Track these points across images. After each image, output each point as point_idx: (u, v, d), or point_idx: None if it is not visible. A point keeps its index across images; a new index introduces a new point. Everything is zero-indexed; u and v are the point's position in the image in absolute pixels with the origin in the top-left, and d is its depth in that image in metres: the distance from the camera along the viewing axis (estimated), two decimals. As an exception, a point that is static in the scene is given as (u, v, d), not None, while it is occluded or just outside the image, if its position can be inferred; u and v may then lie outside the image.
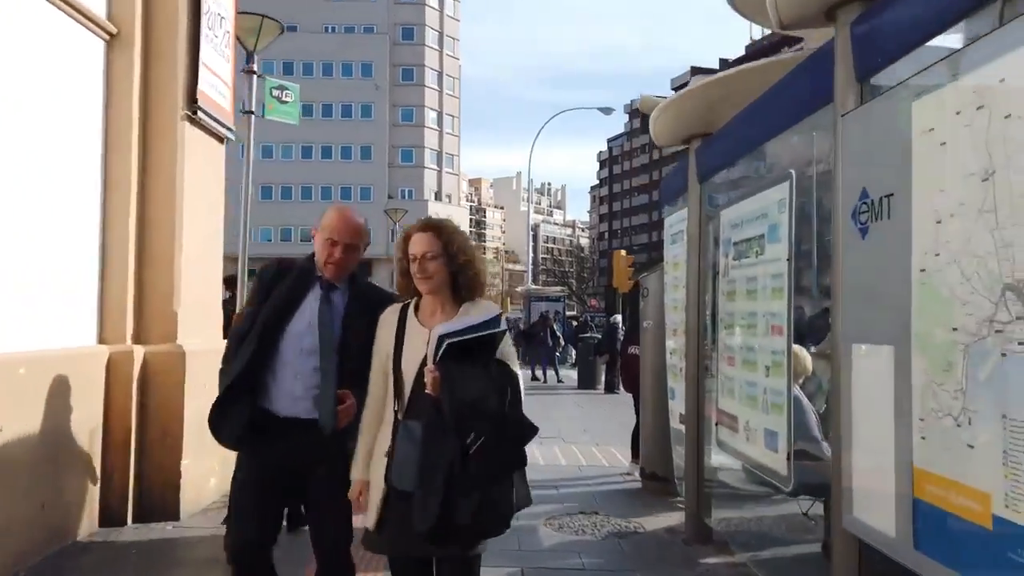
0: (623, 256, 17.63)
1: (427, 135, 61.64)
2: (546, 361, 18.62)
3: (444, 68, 62.93)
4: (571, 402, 13.93)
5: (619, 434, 9.34)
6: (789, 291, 3.36)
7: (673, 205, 5.82)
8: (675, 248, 5.65)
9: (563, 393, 15.87)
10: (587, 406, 13.31)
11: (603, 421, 11.01)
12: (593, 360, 16.73)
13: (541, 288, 36.19)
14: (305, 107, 56.46)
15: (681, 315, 5.27)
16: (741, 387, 3.93)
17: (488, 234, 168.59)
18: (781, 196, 3.48)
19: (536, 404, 13.80)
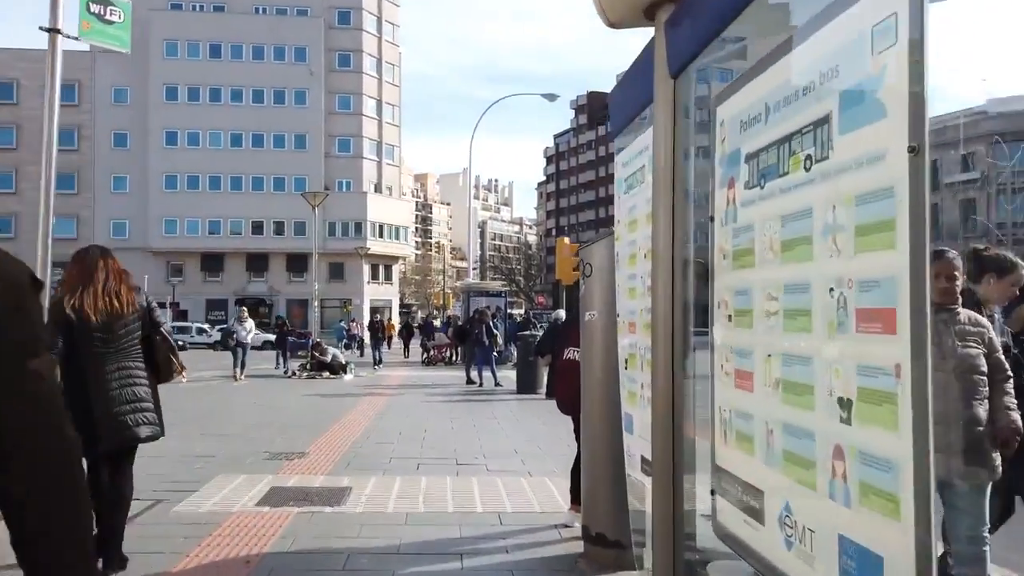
0: (567, 244, 15.68)
1: (365, 124, 58.90)
2: (481, 362, 16.60)
3: (383, 55, 60.25)
4: (506, 410, 11.95)
5: (559, 455, 7.42)
6: (919, 225, 1.41)
7: (628, 134, 3.84)
8: (631, 198, 3.69)
9: (499, 399, 13.89)
10: (524, 415, 11.34)
11: (540, 437, 9.06)
12: (534, 361, 14.76)
13: (481, 283, 34.12)
14: (235, 92, 53.65)
15: (641, 300, 3.33)
16: (772, 435, 1.97)
17: (435, 230, 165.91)
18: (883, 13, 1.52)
19: (465, 412, 11.85)
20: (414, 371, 21.68)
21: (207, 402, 12.56)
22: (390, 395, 14.34)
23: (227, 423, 9.98)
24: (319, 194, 20.35)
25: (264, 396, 13.71)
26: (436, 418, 10.79)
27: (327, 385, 16.32)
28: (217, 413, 11.08)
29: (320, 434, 8.91)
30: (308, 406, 12.16)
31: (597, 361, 4.41)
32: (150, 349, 4.19)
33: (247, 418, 10.51)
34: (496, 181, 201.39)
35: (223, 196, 56.56)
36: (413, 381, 17.76)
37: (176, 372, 4.33)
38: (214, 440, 8.40)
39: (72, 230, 56.39)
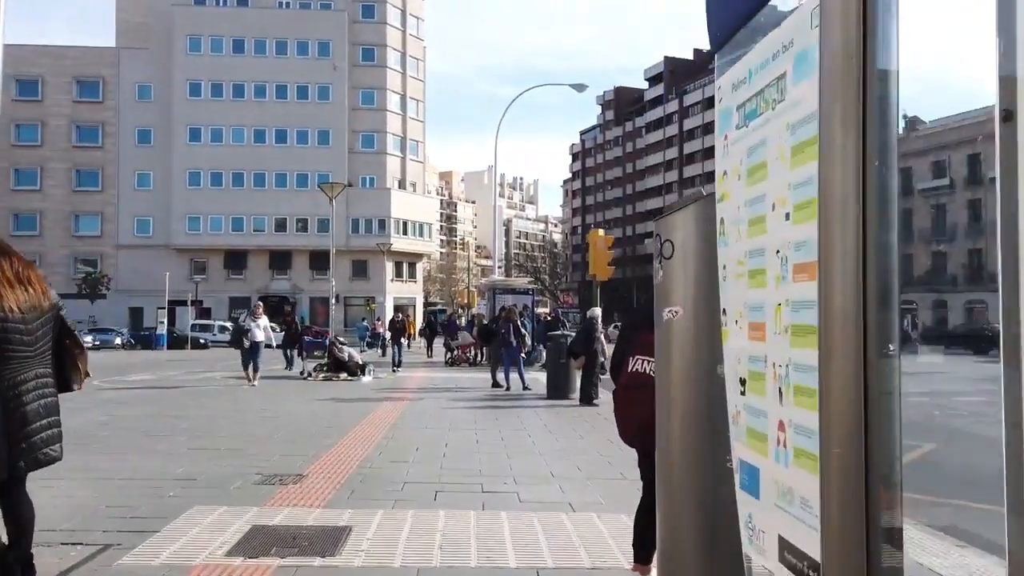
0: (601, 236, 14.40)
1: (390, 120, 57.98)
2: (508, 364, 15.37)
3: (407, 49, 59.29)
4: (536, 420, 10.70)
5: (603, 481, 6.21)
6: None
7: (735, 51, 2.57)
8: (753, 132, 2.41)
9: (528, 405, 12.66)
10: (557, 426, 10.09)
11: (578, 454, 7.82)
12: (566, 363, 13.54)
13: (507, 279, 32.90)
14: (258, 88, 53.17)
15: (780, 288, 2.06)
16: None
17: (460, 229, 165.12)
18: None
19: (491, 421, 10.63)
20: (436, 372, 20.54)
21: (209, 408, 11.50)
22: (409, 400, 13.18)
23: (223, 434, 8.87)
24: (337, 185, 19.24)
25: (273, 401, 12.62)
26: (459, 429, 9.59)
27: (343, 388, 15.22)
28: (215, 422, 9.98)
29: (326, 449, 7.74)
30: (318, 413, 11.02)
31: (679, 376, 3.16)
32: (60, 353, 3.55)
33: (248, 428, 9.40)
34: (521, 179, 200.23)
35: (246, 193, 56.02)
36: (435, 383, 16.61)
37: (81, 382, 3.68)
38: (202, 457, 7.27)
39: (96, 227, 56.30)
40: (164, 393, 14.12)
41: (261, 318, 15.43)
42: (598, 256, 14.23)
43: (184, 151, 55.52)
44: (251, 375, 15.08)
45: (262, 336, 15.21)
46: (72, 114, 55.99)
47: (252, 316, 15.44)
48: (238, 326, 15.78)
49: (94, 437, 8.48)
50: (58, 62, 55.95)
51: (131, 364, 24.47)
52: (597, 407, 12.40)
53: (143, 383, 16.31)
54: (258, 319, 15.30)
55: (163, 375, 18.90)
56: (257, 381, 15.12)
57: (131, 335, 45.22)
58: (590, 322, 12.84)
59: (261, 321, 15.37)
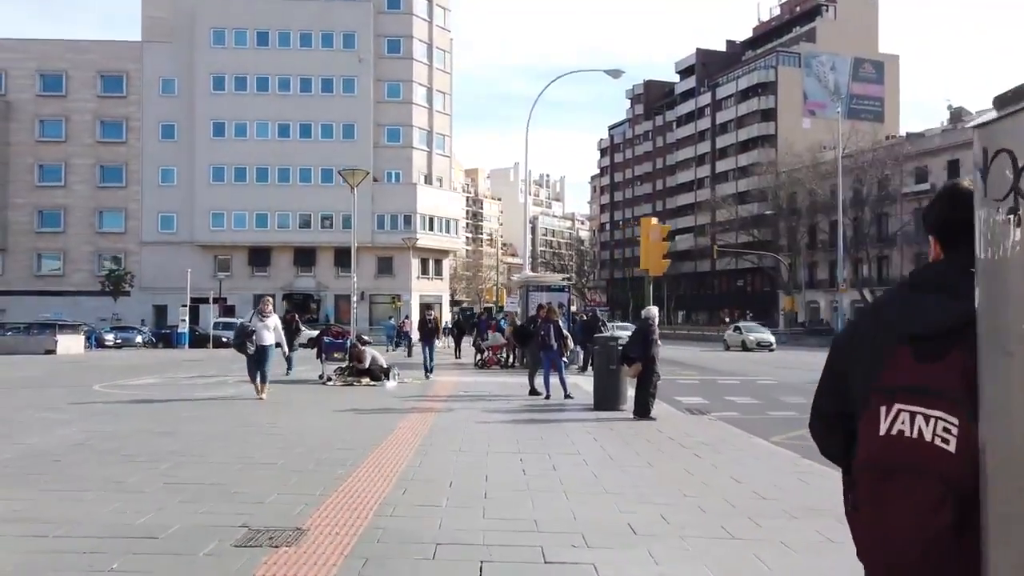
0: (656, 225, 12.66)
1: (416, 113, 56.54)
2: (548, 369, 13.70)
3: (434, 40, 57.80)
4: (589, 440, 9.02)
5: (707, 538, 4.50)
6: None
7: None
8: None
9: (574, 418, 10.98)
10: (614, 447, 8.40)
11: (653, 490, 6.15)
12: (616, 371, 11.84)
13: (540, 276, 31.23)
14: (282, 81, 51.97)
15: None
16: None
17: (485, 226, 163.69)
18: None
19: (536, 441, 8.91)
20: (466, 375, 18.94)
21: (207, 422, 9.98)
22: (438, 411, 11.58)
23: (214, 459, 7.31)
24: (359, 172, 17.72)
25: (283, 413, 11.07)
26: (499, 452, 7.96)
27: (364, 396, 13.67)
28: (210, 442, 8.44)
29: (336, 486, 6.14)
30: (333, 430, 9.44)
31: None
32: None
33: (246, 450, 7.83)
34: (547, 176, 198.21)
35: (271, 188, 54.99)
36: (466, 390, 15.00)
37: None
38: (178, 496, 5.70)
39: (121, 224, 55.63)
40: (163, 399, 12.67)
41: (270, 316, 12.89)
42: (651, 248, 12.49)
43: (208, 146, 54.61)
44: (259, 386, 12.64)
45: (271, 338, 12.66)
46: (96, 109, 55.37)
47: (259, 314, 12.80)
48: (241, 327, 12.89)
49: (57, 463, 6.98)
50: (82, 57, 55.34)
51: (145, 365, 23.22)
52: (654, 421, 10.71)
53: (146, 388, 14.91)
54: (266, 317, 12.75)
55: (172, 378, 17.54)
56: (266, 393, 12.71)
57: (152, 333, 44.32)
58: (646, 323, 11.14)
59: (270, 320, 12.83)
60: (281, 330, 13.21)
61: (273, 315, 13.10)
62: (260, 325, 12.58)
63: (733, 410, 13.68)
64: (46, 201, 55.06)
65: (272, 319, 12.95)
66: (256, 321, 12.67)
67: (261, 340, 12.48)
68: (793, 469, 7.40)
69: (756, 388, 18.22)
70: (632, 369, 11.02)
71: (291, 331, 17.61)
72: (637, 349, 10.96)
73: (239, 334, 12.72)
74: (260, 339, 12.46)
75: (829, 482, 6.71)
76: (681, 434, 9.58)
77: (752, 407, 14.12)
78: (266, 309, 12.93)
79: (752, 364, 27.56)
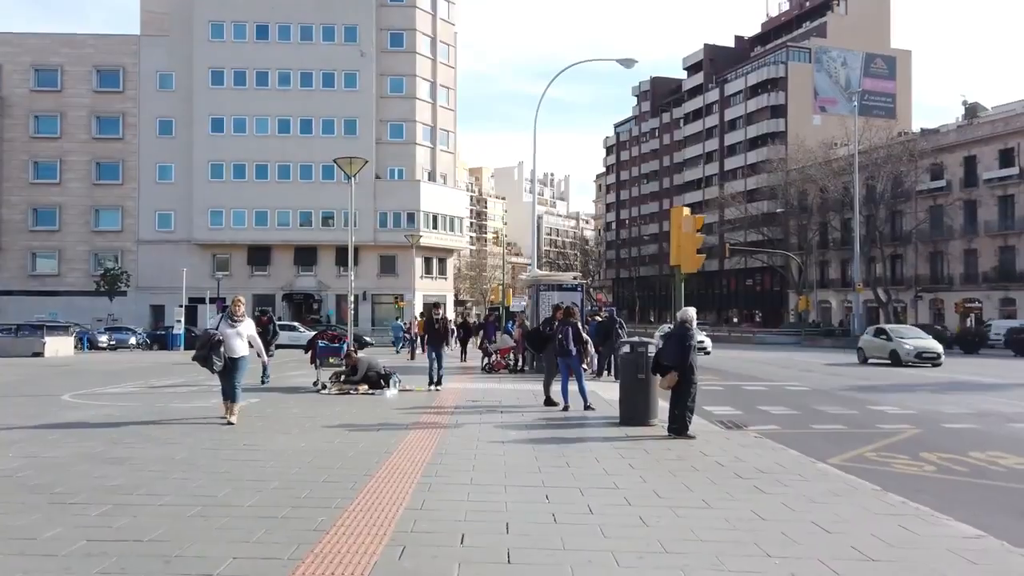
0: (688, 215, 11.20)
1: (419, 108, 55.11)
2: (567, 376, 12.27)
3: (438, 34, 56.35)
4: (624, 465, 7.57)
5: None
6: None
7: None
8: None
9: (599, 435, 9.52)
10: (660, 479, 6.94)
11: (719, 540, 4.71)
12: (646, 380, 10.39)
13: (552, 274, 29.77)
14: (282, 75, 50.59)
15: None
16: None
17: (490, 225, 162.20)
18: None
19: (561, 466, 7.16)
20: (473, 382, 17.50)
21: (173, 443, 8.53)
22: (444, 426, 10.15)
23: (161, 503, 5.84)
24: (357, 160, 16.29)
25: (264, 430, 9.62)
26: (519, 483, 6.54)
27: (361, 407, 12.24)
28: (167, 472, 6.98)
29: (315, 539, 4.71)
30: (319, 454, 8.00)
31: None
32: None
33: (208, 485, 6.37)
34: (552, 175, 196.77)
35: (270, 185, 53.62)
36: (474, 399, 13.56)
37: None
38: (94, 567, 4.26)
39: (117, 222, 54.28)
40: (131, 414, 11.26)
41: (242, 321, 10.15)
42: (684, 242, 11.03)
43: (206, 142, 53.27)
44: (228, 408, 10.09)
45: (244, 348, 10.04)
46: (92, 105, 54.04)
47: (230, 317, 10.07)
48: (206, 335, 9.96)
49: (-33, 506, 5.57)
50: (78, 51, 54.04)
51: (131, 370, 21.82)
52: (694, 440, 9.27)
53: (119, 398, 13.50)
54: (237, 322, 10.05)
55: (152, 385, 16.11)
56: (236, 416, 10.09)
57: (147, 335, 42.96)
58: (682, 327, 9.68)
59: (243, 326, 10.12)
60: (256, 336, 10.48)
61: (247, 319, 10.36)
62: (230, 332, 9.94)
63: (771, 422, 12.26)
64: (41, 199, 53.75)
65: (245, 324, 10.22)
66: (225, 327, 9.97)
67: (232, 351, 9.88)
68: (886, 510, 5.97)
69: (787, 396, 16.80)
70: (666, 379, 9.58)
71: (267, 334, 15.93)
72: (672, 356, 9.52)
73: (203, 344, 9.81)
74: (231, 349, 9.86)
75: (938, 529, 5.27)
76: (730, 458, 8.13)
77: (792, 419, 12.69)
78: (237, 312, 10.16)
79: (771, 368, 26.07)
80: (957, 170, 55.60)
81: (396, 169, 54.72)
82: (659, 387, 9.97)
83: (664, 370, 9.63)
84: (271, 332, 16.42)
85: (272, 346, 16.19)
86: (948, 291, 55.08)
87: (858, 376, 22.32)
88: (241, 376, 10.14)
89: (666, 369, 9.59)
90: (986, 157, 53.95)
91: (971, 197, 54.29)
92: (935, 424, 12.04)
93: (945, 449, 9.68)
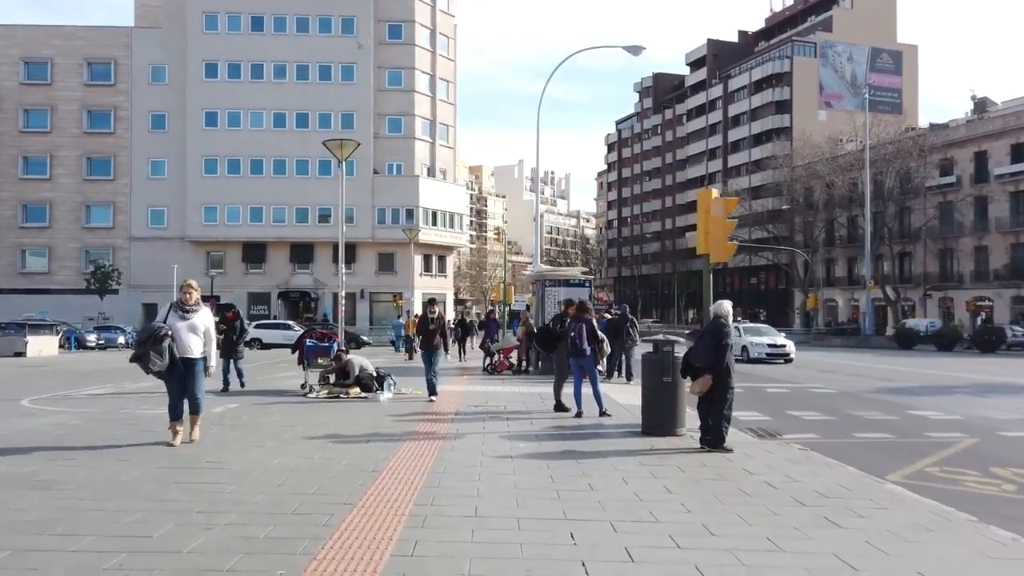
0: (718, 198, 9.94)
1: (418, 101, 53.84)
2: (579, 379, 11.01)
3: (437, 25, 55.06)
4: (657, 488, 6.29)
5: None
6: None
7: None
8: None
9: (622, 449, 8.24)
10: (701, 503, 5.68)
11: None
12: (672, 384, 9.13)
13: (557, 269, 28.52)
14: (278, 68, 49.20)
15: None
16: None
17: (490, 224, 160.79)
18: None
19: (582, 492, 5.71)
20: (474, 384, 16.24)
21: (122, 460, 7.24)
22: (443, 436, 8.89)
23: (76, 548, 4.55)
24: (348, 143, 15.04)
25: (235, 445, 8.30)
26: (534, 515, 5.28)
27: (350, 414, 10.98)
28: (96, 505, 5.68)
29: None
30: (294, 475, 6.70)
31: None
32: None
33: (144, 522, 5.07)
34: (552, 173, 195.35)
35: (266, 181, 52.36)
36: (476, 404, 12.29)
37: None
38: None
39: (108, 219, 53.03)
40: (88, 422, 10.00)
41: (196, 311, 7.86)
42: (714, 228, 9.77)
43: (200, 137, 52.00)
44: (175, 430, 7.86)
45: (199, 346, 7.83)
46: (83, 98, 52.78)
47: (180, 307, 7.81)
48: (149, 329, 7.74)
49: None
50: (69, 43, 52.76)
51: (107, 371, 20.56)
52: (730, 453, 8.02)
53: (81, 404, 12.24)
54: (190, 312, 7.80)
55: (123, 389, 14.82)
56: (198, 431, 8.09)
57: (135, 333, 41.66)
58: (717, 324, 8.41)
59: (197, 317, 7.84)
60: (213, 333, 8.13)
61: (202, 308, 8.00)
62: (181, 326, 7.70)
63: (807, 430, 11.03)
64: (31, 195, 52.48)
65: (200, 315, 7.89)
66: (174, 320, 7.72)
67: (184, 349, 7.67)
68: (999, 551, 4.73)
69: (815, 399, 15.57)
70: (699, 384, 8.31)
71: (234, 333, 14.21)
72: (706, 356, 8.25)
73: (145, 339, 7.60)
74: (183, 348, 7.66)
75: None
76: (780, 477, 6.88)
77: (829, 426, 11.46)
78: (189, 299, 7.84)
79: (787, 368, 24.84)
80: (967, 165, 54.37)
81: (395, 164, 53.47)
82: (690, 392, 8.71)
83: (695, 372, 8.38)
84: (238, 330, 14.45)
85: (241, 346, 14.44)
86: (958, 289, 53.86)
87: (882, 376, 21.08)
88: (199, 383, 7.90)
89: (698, 371, 8.34)
90: (997, 152, 52.73)
91: (982, 193, 53.05)
92: (990, 432, 10.82)
93: (1016, 463, 8.46)
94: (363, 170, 51.51)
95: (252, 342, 38.75)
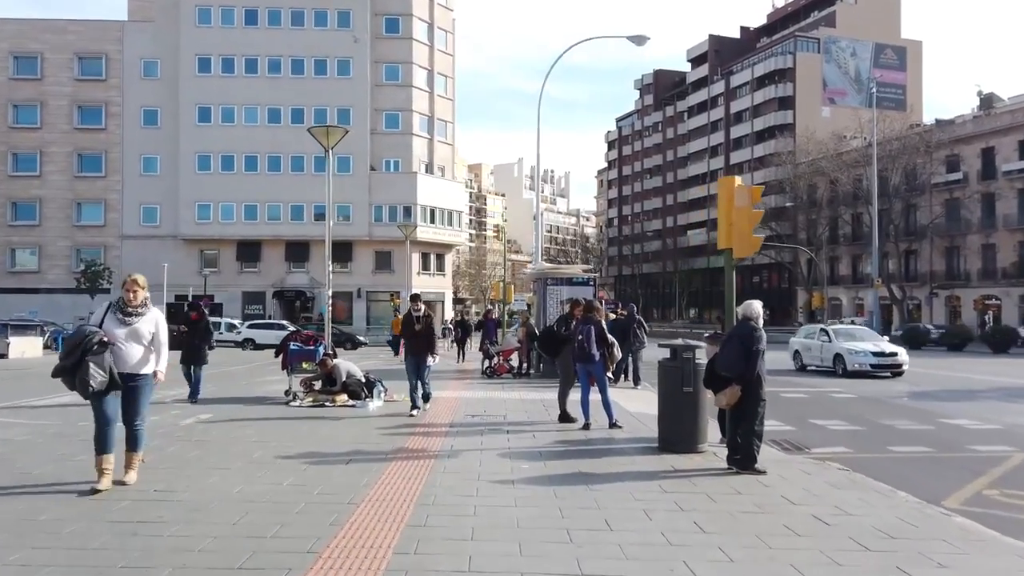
0: (741, 186, 8.93)
1: (416, 97, 52.75)
2: (587, 386, 9.99)
3: (435, 19, 53.96)
4: (681, 519, 5.28)
5: None
6: None
7: None
8: None
9: (636, 467, 7.21)
10: (740, 543, 4.67)
11: None
12: (693, 395, 8.11)
13: (559, 267, 27.49)
14: (272, 62, 47.99)
15: None
16: None
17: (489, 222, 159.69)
18: None
19: (599, 531, 4.43)
20: (472, 389, 15.23)
21: (40, 503, 6.23)
22: (435, 454, 7.86)
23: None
24: (336, 130, 14.00)
25: (194, 465, 7.29)
26: (545, 573, 4.26)
27: (333, 426, 9.95)
28: (13, 549, 4.72)
29: None
30: (255, 508, 5.66)
31: None
32: None
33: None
34: (552, 172, 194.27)
35: (260, 178, 51.27)
36: (473, 413, 11.27)
37: None
38: None
39: (100, 216, 51.94)
40: (39, 436, 8.98)
41: (143, 314, 6.06)
42: (738, 219, 8.74)
43: (193, 132, 50.91)
44: (105, 468, 5.95)
45: (144, 362, 6.06)
46: (74, 93, 51.66)
47: (120, 309, 6.00)
48: (79, 334, 5.81)
49: None
50: (59, 37, 51.65)
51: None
52: (764, 475, 7.01)
53: (40, 415, 11.21)
54: (134, 316, 6.00)
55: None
56: (135, 472, 6.24)
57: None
58: (746, 327, 7.38)
59: (142, 322, 6.02)
60: (164, 338, 6.18)
61: (151, 310, 6.15)
62: (121, 333, 5.93)
63: (836, 442, 10.06)
64: (20, 192, 51.36)
65: (145, 320, 6.06)
66: (112, 324, 5.95)
67: (125, 362, 5.92)
68: None
69: (836, 405, 14.61)
70: (726, 395, 7.29)
71: (197, 335, 12.53)
72: (733, 364, 7.23)
73: (71, 349, 5.71)
74: (122, 360, 5.90)
75: None
76: (828, 508, 5.86)
77: (859, 438, 10.47)
78: (134, 299, 6.02)
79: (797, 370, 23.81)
80: (974, 162, 53.36)
81: (392, 161, 52.41)
82: (715, 405, 7.70)
83: (721, 383, 7.35)
84: (202, 332, 12.73)
85: (206, 349, 12.74)
86: (965, 287, 52.85)
87: (900, 379, 20.06)
88: (141, 408, 6.10)
89: (724, 382, 7.32)
90: (1005, 148, 51.70)
91: (989, 190, 52.03)
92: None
93: (1088, 484, 7.46)
94: (360, 167, 50.50)
95: (245, 343, 37.89)
